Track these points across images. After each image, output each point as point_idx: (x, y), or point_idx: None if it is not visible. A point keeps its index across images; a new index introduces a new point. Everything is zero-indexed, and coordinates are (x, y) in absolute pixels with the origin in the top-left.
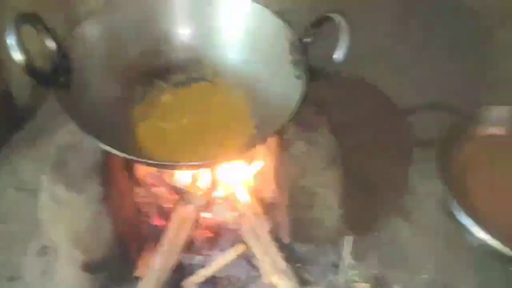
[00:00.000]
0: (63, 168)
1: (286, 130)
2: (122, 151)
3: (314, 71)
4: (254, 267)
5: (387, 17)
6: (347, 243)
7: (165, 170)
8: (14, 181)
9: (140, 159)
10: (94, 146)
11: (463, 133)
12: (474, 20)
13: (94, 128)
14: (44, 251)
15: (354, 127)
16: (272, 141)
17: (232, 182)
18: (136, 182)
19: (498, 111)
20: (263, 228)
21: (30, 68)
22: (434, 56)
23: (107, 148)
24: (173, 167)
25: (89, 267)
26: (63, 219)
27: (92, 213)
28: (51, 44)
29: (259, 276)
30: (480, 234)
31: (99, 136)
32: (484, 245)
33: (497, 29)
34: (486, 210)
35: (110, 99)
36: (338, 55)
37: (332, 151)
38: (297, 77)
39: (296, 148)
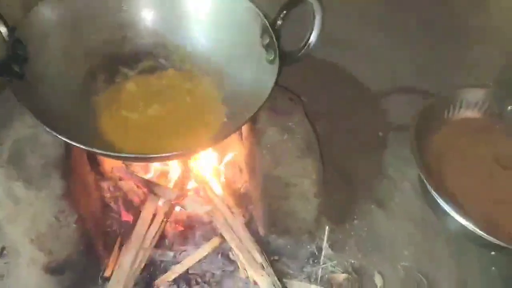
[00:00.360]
0: (21, 163)
1: (259, 117)
2: (83, 143)
3: (287, 56)
4: (230, 262)
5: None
6: (324, 233)
7: (131, 163)
8: None
9: (101, 152)
10: (53, 139)
11: (437, 116)
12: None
13: (53, 119)
14: (2, 252)
15: (328, 114)
16: (244, 129)
17: (203, 174)
18: (101, 176)
19: (472, 93)
20: (238, 221)
21: None
22: (408, 40)
23: (67, 140)
24: (137, 160)
25: (53, 269)
26: (22, 218)
27: (54, 211)
28: (2, 28)
29: (235, 270)
30: (457, 219)
31: (58, 128)
32: (461, 231)
33: (471, 11)
34: (462, 194)
35: (71, 88)
36: (312, 38)
37: (308, 139)
38: (270, 61)
39: (269, 136)
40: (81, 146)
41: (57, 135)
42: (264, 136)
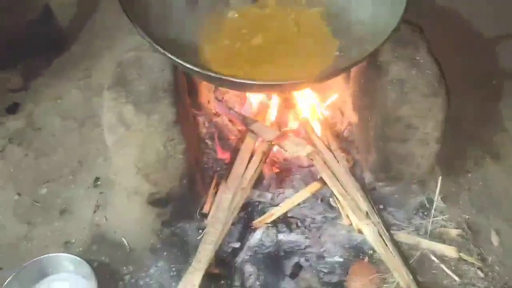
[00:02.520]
0: (128, 87)
1: (380, 49)
2: (199, 67)
3: None
4: (331, 208)
5: None
6: (437, 184)
7: (236, 90)
8: (59, 108)
9: (217, 75)
10: (160, 64)
11: None
12: None
13: (161, 40)
14: (96, 183)
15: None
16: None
17: (304, 114)
18: (198, 109)
19: None
20: (341, 165)
21: None
22: None
23: (183, 62)
24: (243, 87)
25: (156, 201)
26: (132, 145)
27: (163, 139)
28: None
29: (337, 217)
30: None
31: (168, 49)
32: None
33: None
34: None
35: (176, 11)
36: None
37: (438, 75)
38: None
39: (396, 71)
40: (197, 70)
41: (174, 57)
42: (389, 70)
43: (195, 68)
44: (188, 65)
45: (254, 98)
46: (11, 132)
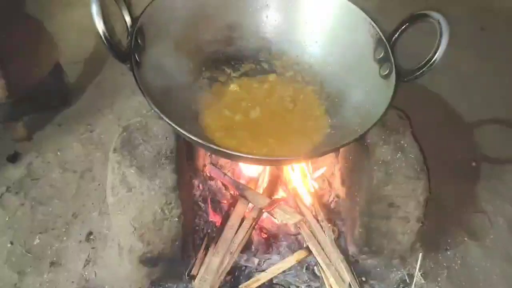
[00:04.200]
0: (133, 151)
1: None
2: (201, 138)
3: (405, 72)
4: (315, 277)
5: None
6: (417, 260)
7: (234, 160)
8: (59, 160)
9: (220, 149)
10: (164, 131)
11: None
12: None
13: (166, 110)
14: (89, 237)
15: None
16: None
17: (294, 184)
18: (194, 173)
19: None
20: (327, 235)
21: (108, 40)
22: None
23: (186, 133)
24: (243, 159)
25: (147, 260)
26: (131, 206)
27: (162, 203)
28: (127, 18)
29: (320, 287)
30: None
31: (173, 120)
32: None
33: None
34: None
35: (179, 83)
36: (437, 57)
37: (421, 159)
38: (383, 76)
39: (382, 153)
40: (201, 142)
41: (178, 128)
42: (375, 152)
43: (200, 141)
44: (193, 138)
45: (248, 166)
46: (10, 181)
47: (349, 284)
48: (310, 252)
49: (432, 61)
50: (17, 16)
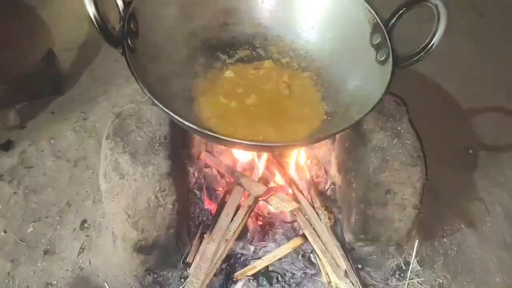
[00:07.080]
0: (126, 137)
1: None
2: (196, 124)
3: (402, 57)
4: (311, 264)
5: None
6: (413, 247)
7: (229, 147)
8: (53, 148)
9: (215, 135)
10: (157, 117)
11: None
12: None
13: (160, 96)
14: (83, 225)
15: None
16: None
17: (290, 172)
18: (189, 160)
19: None
20: (323, 223)
21: (98, 23)
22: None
23: (181, 120)
24: (242, 146)
25: (142, 248)
26: (124, 193)
27: (156, 190)
28: (119, 2)
29: (317, 274)
30: None
31: (168, 106)
32: None
33: None
34: None
35: (174, 69)
36: (435, 40)
37: (417, 146)
38: (380, 62)
39: (379, 139)
40: (195, 128)
41: (172, 114)
42: (372, 139)
43: (194, 127)
44: (188, 124)
45: (244, 153)
46: (3, 169)
47: (345, 271)
48: (306, 239)
49: (430, 46)
50: (9, 2)
